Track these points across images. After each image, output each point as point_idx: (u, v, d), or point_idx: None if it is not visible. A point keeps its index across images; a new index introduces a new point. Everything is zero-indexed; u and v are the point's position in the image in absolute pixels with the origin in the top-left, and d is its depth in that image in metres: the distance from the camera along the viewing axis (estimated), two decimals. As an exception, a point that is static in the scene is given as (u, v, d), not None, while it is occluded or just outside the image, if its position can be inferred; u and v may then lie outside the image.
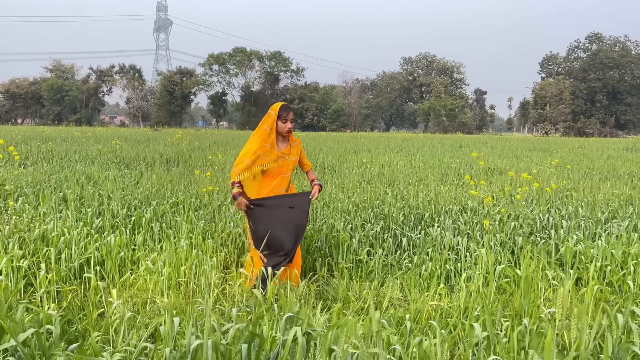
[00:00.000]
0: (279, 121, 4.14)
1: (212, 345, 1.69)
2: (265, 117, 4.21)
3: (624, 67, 72.12)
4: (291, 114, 4.22)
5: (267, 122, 4.16)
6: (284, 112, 4.16)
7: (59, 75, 76.80)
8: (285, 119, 4.15)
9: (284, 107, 4.20)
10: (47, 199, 5.80)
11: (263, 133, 4.14)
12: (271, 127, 4.14)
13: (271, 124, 4.15)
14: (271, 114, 4.18)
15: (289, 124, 4.18)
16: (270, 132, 4.14)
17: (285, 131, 4.19)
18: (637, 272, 3.86)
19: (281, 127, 4.16)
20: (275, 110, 4.17)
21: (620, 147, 23.02)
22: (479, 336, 2.10)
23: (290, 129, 4.21)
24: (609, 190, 7.69)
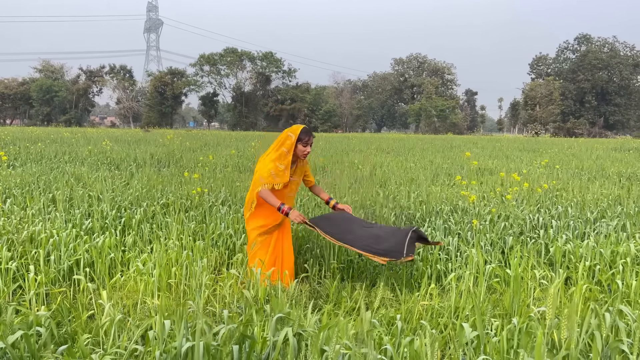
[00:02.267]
0: (299, 144, 4.11)
1: (203, 347, 1.68)
2: (284, 138, 4.15)
3: (613, 68, 72.79)
4: (312, 139, 4.20)
5: (286, 144, 4.11)
6: (305, 135, 4.13)
7: (48, 76, 76.17)
8: (306, 142, 4.13)
9: (305, 130, 4.16)
10: (35, 201, 5.76)
11: (280, 154, 4.09)
12: (289, 150, 4.10)
13: (290, 146, 4.10)
14: (290, 137, 4.12)
15: (308, 147, 4.16)
16: (287, 154, 4.09)
17: (303, 155, 4.17)
18: (625, 272, 3.90)
19: (300, 150, 4.14)
20: (295, 133, 4.12)
21: (609, 148, 23.23)
22: (468, 336, 2.11)
23: (308, 153, 4.19)
24: (598, 190, 7.76)
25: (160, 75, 74.25)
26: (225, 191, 6.92)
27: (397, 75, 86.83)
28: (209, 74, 75.20)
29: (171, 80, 73.07)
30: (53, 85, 72.36)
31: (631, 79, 74.16)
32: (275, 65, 75.06)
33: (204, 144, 19.60)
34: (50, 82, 72.95)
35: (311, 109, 72.54)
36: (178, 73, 74.57)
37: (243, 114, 73.19)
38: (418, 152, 18.07)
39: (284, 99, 72.82)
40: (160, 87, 72.50)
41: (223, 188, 7.22)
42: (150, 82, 75.15)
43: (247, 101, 74.08)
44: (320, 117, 72.34)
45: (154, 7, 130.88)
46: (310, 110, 72.41)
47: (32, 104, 73.30)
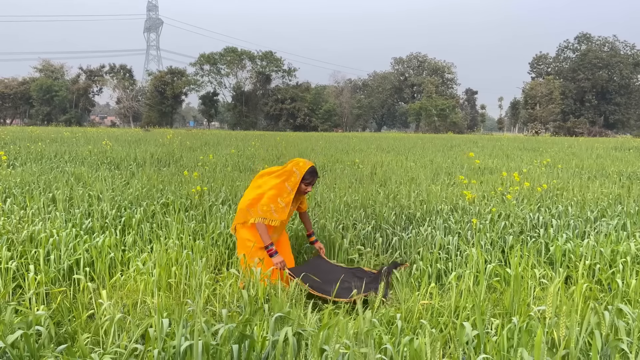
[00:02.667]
0: (302, 183, 4.09)
1: (202, 346, 1.68)
2: (289, 172, 4.10)
3: (613, 67, 72.76)
4: (316, 178, 4.19)
5: (291, 180, 4.06)
6: (310, 176, 4.12)
7: (48, 75, 76.16)
8: (308, 183, 4.12)
9: (311, 171, 4.13)
10: (35, 200, 5.76)
11: (283, 190, 4.04)
12: (292, 188, 4.06)
13: (294, 184, 4.06)
14: (295, 173, 4.07)
15: (310, 187, 4.16)
16: (290, 192, 4.05)
17: (303, 193, 4.17)
18: (625, 270, 3.89)
19: (302, 189, 4.13)
20: (300, 172, 4.07)
21: (609, 147, 23.22)
22: (469, 335, 2.11)
23: (309, 191, 4.18)
24: (598, 189, 7.75)
25: (160, 75, 74.25)
26: (225, 190, 6.91)
27: (397, 74, 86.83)
28: (209, 74, 75.24)
29: (171, 79, 73.07)
30: (53, 85, 72.35)
31: (631, 78, 74.12)
32: (275, 65, 75.06)
33: (204, 143, 19.60)
34: (50, 82, 72.94)
35: (311, 108, 72.49)
36: (178, 72, 74.56)
37: (243, 114, 73.18)
38: (418, 151, 18.06)
39: (284, 98, 72.77)
40: (160, 87, 72.48)
41: (223, 187, 7.21)
42: (150, 81, 75.16)
43: (247, 100, 74.06)
44: (320, 117, 72.30)
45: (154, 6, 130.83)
46: (310, 110, 72.37)
47: (32, 104, 73.31)
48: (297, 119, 72.40)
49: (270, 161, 12.26)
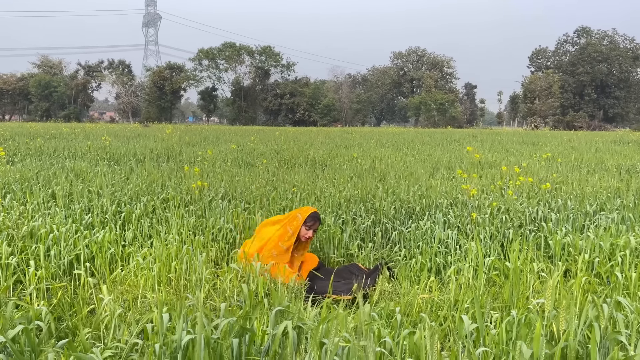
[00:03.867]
0: (303, 226, 4.17)
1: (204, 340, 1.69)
2: (292, 217, 4.21)
3: (612, 61, 72.62)
4: (317, 224, 4.25)
5: (293, 224, 4.15)
6: (311, 220, 4.20)
7: (46, 71, 75.94)
8: (309, 227, 4.18)
9: (313, 216, 4.22)
10: (35, 196, 5.76)
11: (285, 233, 4.12)
12: (294, 232, 4.14)
13: (296, 228, 4.14)
14: (298, 218, 4.17)
15: (311, 232, 4.21)
16: (292, 236, 4.13)
17: (304, 238, 4.22)
18: (624, 264, 3.90)
19: (303, 232, 4.19)
20: (303, 216, 4.17)
21: (608, 140, 23.22)
22: (468, 328, 2.12)
23: (310, 237, 4.23)
24: (597, 182, 7.76)
25: (159, 70, 74.05)
26: (225, 185, 6.92)
27: (397, 69, 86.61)
28: (208, 69, 75.01)
29: (170, 75, 72.86)
30: (52, 81, 72.15)
31: (631, 71, 74.00)
32: (274, 60, 74.83)
33: (203, 138, 19.58)
34: (48, 78, 72.74)
35: (310, 103, 72.36)
36: (177, 68, 74.34)
37: (242, 109, 73.04)
38: (417, 145, 18.06)
39: (283, 93, 72.62)
40: (159, 82, 72.30)
41: (223, 182, 7.22)
42: (149, 77, 74.94)
43: (246, 95, 73.92)
44: (320, 112, 72.18)
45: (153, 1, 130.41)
46: (309, 105, 72.24)
47: (31, 100, 73.13)
48: (296, 114, 72.27)
49: (270, 156, 12.26)
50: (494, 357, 2.09)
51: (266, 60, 74.73)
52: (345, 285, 3.96)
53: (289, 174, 8.58)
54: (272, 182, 7.59)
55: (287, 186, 7.16)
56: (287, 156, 12.24)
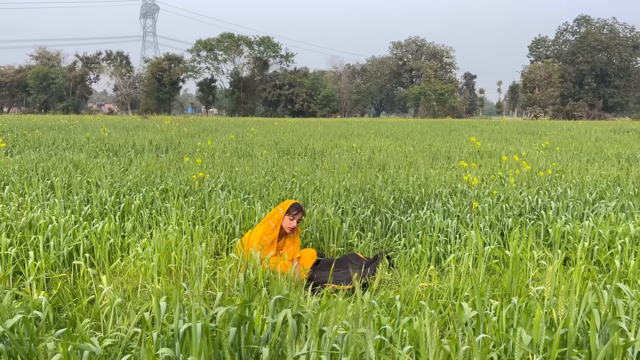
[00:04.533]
0: (287, 216, 4.21)
1: (201, 328, 1.69)
2: (273, 212, 4.28)
3: (612, 50, 72.32)
4: (300, 215, 4.27)
5: (274, 217, 4.22)
6: (295, 210, 4.24)
7: (44, 63, 75.62)
8: (293, 216, 4.22)
9: (295, 205, 4.26)
10: (34, 187, 5.75)
11: (268, 227, 4.18)
12: (276, 224, 4.20)
13: (278, 220, 4.20)
14: (279, 211, 4.23)
15: (294, 222, 4.24)
16: (275, 229, 4.18)
17: (288, 228, 4.24)
18: (624, 252, 3.90)
19: (286, 222, 4.22)
20: (284, 208, 4.23)
21: (608, 129, 23.20)
22: (468, 315, 2.12)
23: (294, 228, 4.26)
24: (597, 171, 7.76)
25: (157, 62, 73.73)
26: (224, 176, 6.90)
27: (396, 59, 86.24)
28: (206, 60, 74.67)
29: (168, 66, 72.54)
30: (50, 73, 71.87)
31: (630, 60, 73.72)
32: (272, 50, 74.49)
33: (202, 129, 19.54)
34: (46, 70, 72.44)
35: (309, 93, 72.14)
36: (175, 59, 74.00)
37: (241, 100, 72.83)
38: (417, 136, 18.03)
39: (282, 84, 72.37)
40: (158, 74, 72.00)
41: (222, 173, 7.20)
42: (148, 68, 74.62)
43: (244, 86, 73.66)
44: (319, 102, 71.98)
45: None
46: (308, 95, 72.02)
47: (29, 92, 72.89)
48: (295, 105, 72.06)
49: (269, 147, 12.23)
50: (494, 344, 2.09)
51: (265, 50, 74.38)
52: (344, 274, 3.96)
53: (288, 164, 8.57)
54: (272, 173, 7.58)
55: (286, 176, 7.15)
56: (287, 147, 12.22)
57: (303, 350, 1.73)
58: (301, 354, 1.69)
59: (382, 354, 1.75)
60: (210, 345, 1.74)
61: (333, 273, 3.91)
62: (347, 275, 3.91)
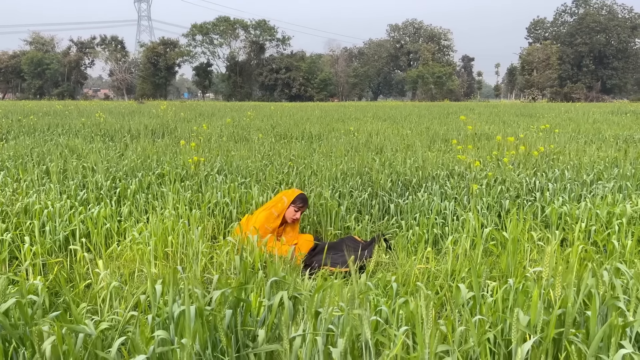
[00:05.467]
0: (292, 206, 4.15)
1: (195, 311, 1.67)
2: (277, 199, 4.20)
3: (611, 31, 71.90)
4: (305, 207, 4.22)
5: (277, 206, 4.15)
6: (302, 202, 4.19)
7: (38, 48, 74.88)
8: (298, 208, 4.17)
9: (302, 197, 4.21)
10: (29, 172, 5.71)
11: (270, 216, 4.12)
12: (279, 214, 4.14)
13: (281, 210, 4.14)
14: (283, 200, 4.16)
15: (298, 214, 4.19)
16: (277, 218, 4.13)
17: (291, 219, 4.19)
18: (621, 232, 3.90)
19: (290, 213, 4.17)
20: (289, 198, 4.16)
21: (606, 111, 23.14)
22: (464, 296, 2.11)
23: (296, 219, 4.21)
24: (595, 152, 7.74)
25: (152, 46, 73.05)
26: (221, 160, 6.87)
27: (393, 41, 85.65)
28: (202, 44, 74.04)
29: (164, 50, 71.91)
30: (44, 58, 71.20)
31: (629, 41, 73.37)
32: (269, 34, 73.86)
33: (199, 114, 19.44)
34: (41, 55, 71.75)
35: (306, 77, 71.71)
36: (171, 43, 73.34)
37: (238, 84, 72.38)
38: (414, 119, 17.96)
39: (279, 67, 71.90)
40: (153, 58, 71.42)
41: (219, 157, 7.17)
42: (143, 53, 73.97)
43: (241, 71, 73.17)
44: (316, 86, 71.60)
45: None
46: (305, 79, 71.61)
47: (24, 77, 72.28)
48: (292, 89, 71.66)
49: (266, 131, 12.17)
50: (490, 324, 2.08)
51: (261, 34, 73.75)
52: (341, 257, 3.96)
53: (285, 148, 8.53)
54: (269, 157, 7.54)
55: (283, 160, 7.12)
56: (284, 131, 12.17)
57: (299, 332, 1.73)
58: (297, 335, 1.68)
59: (378, 335, 1.74)
60: (205, 327, 1.73)
61: (330, 256, 3.91)
62: (344, 258, 3.90)
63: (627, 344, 1.62)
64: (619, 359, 1.58)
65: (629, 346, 1.61)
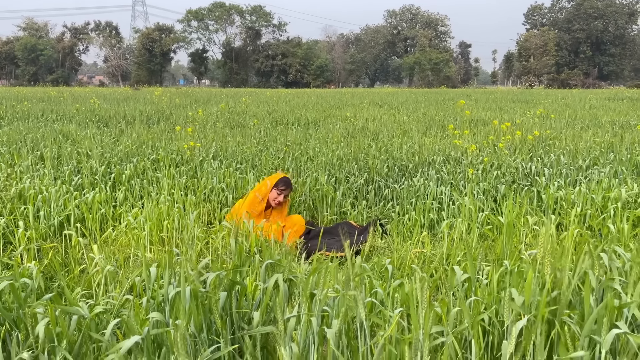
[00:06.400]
0: (274, 190, 4.14)
1: (190, 292, 1.67)
2: (260, 185, 4.20)
3: (608, 17, 71.60)
4: (288, 190, 4.19)
5: (261, 190, 4.15)
6: (284, 185, 4.16)
7: (32, 34, 74.09)
8: (281, 190, 4.15)
9: (284, 180, 4.18)
10: (23, 157, 5.67)
11: (254, 200, 4.12)
12: (263, 197, 4.13)
13: (265, 194, 4.13)
14: (266, 184, 4.15)
15: (282, 197, 4.16)
16: (261, 202, 4.12)
17: (274, 202, 4.17)
18: (616, 216, 3.91)
19: (272, 196, 4.15)
20: (272, 181, 4.15)
21: (603, 97, 23.12)
22: (459, 278, 2.11)
23: (280, 202, 4.18)
24: (591, 138, 7.74)
25: (147, 32, 72.36)
26: (216, 146, 6.84)
27: (390, 28, 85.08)
28: (197, 30, 73.40)
29: (159, 36, 71.25)
30: (38, 44, 70.49)
31: (626, 28, 73.10)
32: (264, 19, 73.25)
33: (194, 100, 19.32)
34: (34, 41, 71.01)
35: (303, 64, 71.31)
36: (166, 29, 72.65)
37: (234, 71, 71.94)
38: (411, 105, 17.91)
39: (275, 54, 71.42)
40: (148, 44, 70.78)
41: (214, 143, 7.13)
42: (138, 38, 73.29)
43: (237, 57, 72.68)
44: (312, 73, 71.24)
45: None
46: (302, 66, 71.20)
47: (18, 64, 71.62)
48: (288, 76, 71.27)
49: (262, 117, 12.12)
50: (485, 306, 2.08)
51: (257, 20, 73.15)
52: (337, 242, 3.96)
53: (281, 134, 8.49)
54: (264, 143, 7.51)
55: (279, 146, 7.09)
56: (280, 117, 12.11)
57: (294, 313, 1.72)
58: (291, 316, 1.68)
59: (373, 316, 1.74)
60: (200, 309, 1.72)
61: (326, 241, 3.91)
62: (340, 242, 3.90)
63: (622, 324, 1.63)
64: (611, 339, 1.58)
65: (624, 326, 1.62)
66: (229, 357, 1.82)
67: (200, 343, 1.78)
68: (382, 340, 1.62)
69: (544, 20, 78.04)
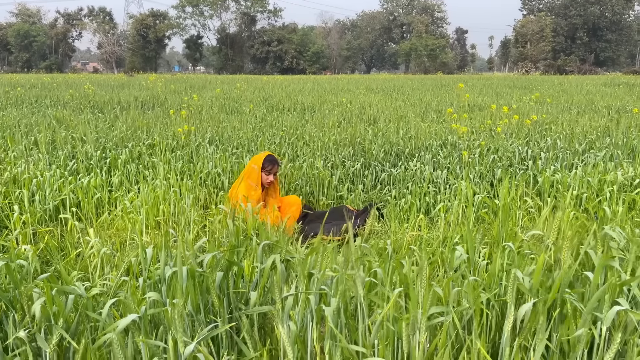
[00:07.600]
0: (263, 172, 4.07)
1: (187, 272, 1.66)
2: (249, 170, 4.08)
3: (605, 3, 71.32)
4: (276, 167, 4.11)
5: (252, 177, 4.04)
6: (269, 164, 4.07)
7: (25, 20, 73.27)
8: (269, 171, 4.07)
9: (270, 159, 4.08)
10: (17, 142, 5.63)
11: (249, 188, 4.03)
12: (257, 183, 4.04)
13: (257, 179, 4.04)
14: (254, 169, 4.05)
15: (271, 177, 4.09)
16: (256, 188, 4.04)
17: (267, 184, 4.11)
18: (612, 199, 3.92)
19: (264, 178, 4.08)
20: (258, 164, 4.05)
21: (599, 83, 23.11)
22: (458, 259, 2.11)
23: (271, 182, 4.12)
24: (587, 122, 7.74)
25: (141, 18, 71.65)
26: (211, 131, 6.80)
27: (387, 13, 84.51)
28: (192, 16, 72.72)
29: (153, 22, 70.60)
30: (31, 30, 69.75)
31: (623, 14, 72.87)
32: (260, 5, 72.63)
33: (189, 86, 19.20)
34: (27, 27, 70.25)
35: (299, 50, 70.85)
36: (160, 15, 71.98)
37: (229, 57, 71.42)
38: (407, 91, 17.85)
39: (270, 40, 70.90)
40: (142, 30, 70.13)
41: (209, 128, 7.09)
42: (132, 24, 72.61)
43: (232, 43, 72.12)
44: (308, 59, 70.83)
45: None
46: (297, 52, 70.75)
47: (11, 50, 70.94)
48: (284, 62, 70.83)
49: (258, 102, 12.06)
50: (484, 287, 2.09)
51: (252, 5, 72.50)
52: (334, 226, 3.96)
53: (277, 120, 8.46)
54: (260, 128, 7.48)
55: (275, 131, 7.06)
56: (276, 102, 12.06)
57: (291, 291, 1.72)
58: (289, 294, 1.68)
59: (372, 295, 1.74)
60: (197, 289, 1.71)
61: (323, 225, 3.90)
62: (337, 227, 3.90)
63: (624, 301, 1.63)
64: (612, 316, 1.58)
65: (625, 303, 1.62)
66: (227, 337, 1.82)
67: (198, 323, 1.77)
68: (380, 317, 1.62)
69: (540, 5, 77.70)
